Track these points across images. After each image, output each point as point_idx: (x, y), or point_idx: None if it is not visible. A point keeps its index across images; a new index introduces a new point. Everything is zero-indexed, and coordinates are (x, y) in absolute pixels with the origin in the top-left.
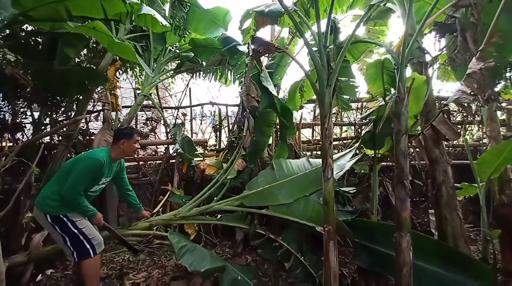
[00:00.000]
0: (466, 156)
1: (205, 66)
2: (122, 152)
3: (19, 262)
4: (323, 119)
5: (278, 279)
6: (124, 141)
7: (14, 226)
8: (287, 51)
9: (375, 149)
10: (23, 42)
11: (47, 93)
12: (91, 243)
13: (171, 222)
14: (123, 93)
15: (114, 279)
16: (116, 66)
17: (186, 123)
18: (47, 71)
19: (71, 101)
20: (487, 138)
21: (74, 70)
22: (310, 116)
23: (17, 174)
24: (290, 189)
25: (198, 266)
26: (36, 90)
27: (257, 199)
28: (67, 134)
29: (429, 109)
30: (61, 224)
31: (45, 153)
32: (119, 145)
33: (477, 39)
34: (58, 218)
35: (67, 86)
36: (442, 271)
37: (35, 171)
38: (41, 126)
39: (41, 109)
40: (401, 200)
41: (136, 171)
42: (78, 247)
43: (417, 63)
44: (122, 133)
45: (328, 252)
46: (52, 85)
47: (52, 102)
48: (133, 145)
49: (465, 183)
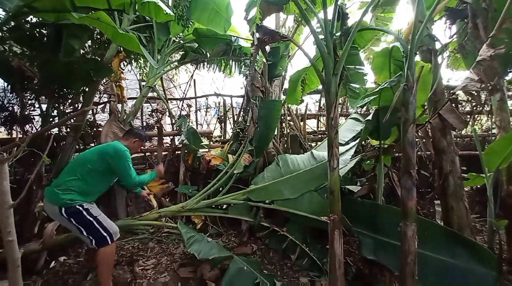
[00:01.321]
0: (474, 147)
1: (209, 56)
2: (130, 148)
3: (33, 250)
4: (329, 108)
5: (283, 267)
6: (136, 141)
7: (27, 215)
8: (292, 40)
9: (380, 139)
10: (28, 34)
11: (53, 85)
12: (108, 231)
13: (179, 214)
14: (128, 85)
15: (125, 266)
16: (120, 57)
17: (191, 115)
18: (52, 63)
19: (77, 93)
20: (496, 128)
21: (79, 61)
22: (315, 107)
23: (28, 165)
24: (296, 184)
25: (206, 255)
26: (42, 82)
27: (264, 194)
28: (75, 125)
29: (438, 98)
30: (76, 215)
31: (54, 144)
32: (131, 141)
33: (488, 25)
34: (73, 209)
35: (72, 78)
36: (445, 258)
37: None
38: (49, 118)
39: (48, 101)
40: (407, 190)
41: (142, 162)
42: (96, 235)
43: (427, 50)
44: (138, 134)
45: (333, 240)
46: (58, 77)
47: (59, 94)
48: (140, 146)
49: (472, 173)
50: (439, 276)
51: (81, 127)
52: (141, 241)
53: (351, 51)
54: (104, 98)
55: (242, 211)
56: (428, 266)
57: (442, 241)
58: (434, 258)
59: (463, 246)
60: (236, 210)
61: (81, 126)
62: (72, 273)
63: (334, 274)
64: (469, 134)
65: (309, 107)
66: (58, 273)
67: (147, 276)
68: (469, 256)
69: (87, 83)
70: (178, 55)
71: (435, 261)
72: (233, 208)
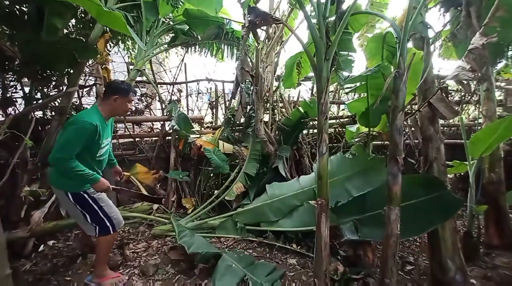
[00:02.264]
0: (459, 136)
1: (201, 40)
2: (113, 110)
3: (21, 237)
4: (319, 94)
5: (273, 248)
6: (117, 98)
7: (13, 200)
8: (285, 24)
9: (369, 126)
10: (7, 11)
11: (36, 66)
12: (111, 220)
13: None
14: (115, 68)
15: (115, 249)
16: (106, 38)
17: (182, 100)
18: (34, 42)
19: (61, 75)
20: (483, 117)
21: (63, 41)
22: (307, 94)
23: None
24: (280, 206)
25: (197, 249)
26: (24, 62)
27: (250, 216)
28: (60, 109)
29: (428, 86)
30: (82, 201)
31: (39, 128)
32: (111, 101)
33: (481, 15)
34: (79, 195)
35: (56, 59)
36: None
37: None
38: (32, 100)
39: (31, 83)
40: (393, 175)
41: (132, 147)
42: (99, 223)
43: (419, 38)
44: (116, 88)
45: (320, 223)
46: (40, 57)
47: (42, 75)
48: (126, 104)
49: (456, 161)
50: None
51: (66, 111)
52: (132, 225)
53: (344, 36)
54: (90, 81)
55: (229, 230)
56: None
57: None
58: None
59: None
60: (223, 230)
61: (66, 109)
62: (62, 256)
63: (320, 256)
64: (456, 123)
65: (301, 95)
66: (47, 256)
67: (137, 259)
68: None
69: (71, 64)
70: (168, 38)
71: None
72: (219, 227)
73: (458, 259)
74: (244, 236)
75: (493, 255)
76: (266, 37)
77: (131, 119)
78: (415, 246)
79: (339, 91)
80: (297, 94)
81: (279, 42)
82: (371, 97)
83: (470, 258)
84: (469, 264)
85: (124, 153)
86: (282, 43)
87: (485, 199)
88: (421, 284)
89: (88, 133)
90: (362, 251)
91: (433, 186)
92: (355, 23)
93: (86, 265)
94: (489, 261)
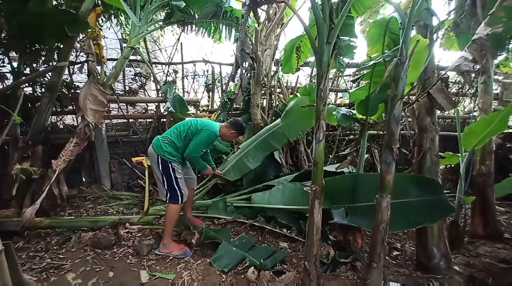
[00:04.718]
0: (453, 128)
1: (198, 18)
2: (225, 136)
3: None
4: (319, 79)
5: (264, 231)
6: (234, 133)
7: (4, 178)
8: (287, 3)
9: (367, 115)
10: None
11: (24, 39)
12: (181, 192)
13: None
14: (108, 44)
15: (109, 228)
16: (97, 11)
17: (177, 81)
18: (21, 13)
19: (51, 49)
20: (478, 110)
21: (51, 13)
22: (306, 80)
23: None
24: (256, 153)
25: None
26: (11, 34)
27: (233, 173)
28: (50, 85)
29: (428, 76)
30: (165, 167)
31: (29, 105)
32: (229, 131)
33: (486, 4)
34: (166, 162)
35: (45, 31)
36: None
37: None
38: (21, 76)
39: (19, 57)
40: (387, 164)
41: (126, 128)
42: (171, 191)
43: (423, 26)
44: (239, 127)
45: (313, 209)
46: (28, 30)
47: (31, 49)
48: (233, 137)
49: (449, 152)
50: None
51: (57, 87)
52: (126, 206)
53: (346, 20)
54: (82, 57)
55: (220, 210)
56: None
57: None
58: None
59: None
60: (215, 210)
61: (57, 86)
62: (55, 234)
63: (311, 240)
64: (451, 115)
65: (300, 81)
66: (40, 234)
67: (131, 239)
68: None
69: (61, 38)
70: (163, 14)
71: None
72: (212, 207)
73: (443, 246)
74: (236, 218)
75: (477, 244)
76: (266, 19)
77: (125, 99)
78: (402, 233)
79: (338, 78)
80: (295, 79)
81: (280, 25)
82: (373, 85)
83: (455, 246)
84: (454, 252)
85: (117, 134)
86: (283, 25)
87: (473, 191)
88: (407, 269)
89: (212, 140)
90: (351, 236)
91: (433, 190)
92: (360, 6)
93: (79, 243)
94: (473, 250)
